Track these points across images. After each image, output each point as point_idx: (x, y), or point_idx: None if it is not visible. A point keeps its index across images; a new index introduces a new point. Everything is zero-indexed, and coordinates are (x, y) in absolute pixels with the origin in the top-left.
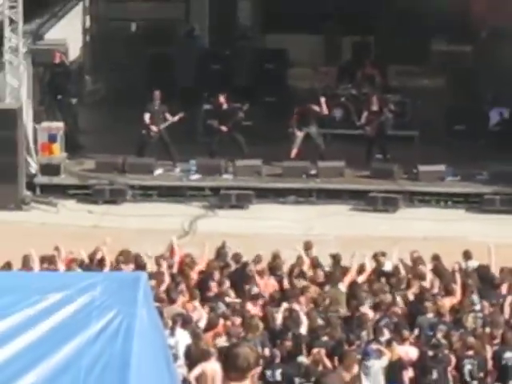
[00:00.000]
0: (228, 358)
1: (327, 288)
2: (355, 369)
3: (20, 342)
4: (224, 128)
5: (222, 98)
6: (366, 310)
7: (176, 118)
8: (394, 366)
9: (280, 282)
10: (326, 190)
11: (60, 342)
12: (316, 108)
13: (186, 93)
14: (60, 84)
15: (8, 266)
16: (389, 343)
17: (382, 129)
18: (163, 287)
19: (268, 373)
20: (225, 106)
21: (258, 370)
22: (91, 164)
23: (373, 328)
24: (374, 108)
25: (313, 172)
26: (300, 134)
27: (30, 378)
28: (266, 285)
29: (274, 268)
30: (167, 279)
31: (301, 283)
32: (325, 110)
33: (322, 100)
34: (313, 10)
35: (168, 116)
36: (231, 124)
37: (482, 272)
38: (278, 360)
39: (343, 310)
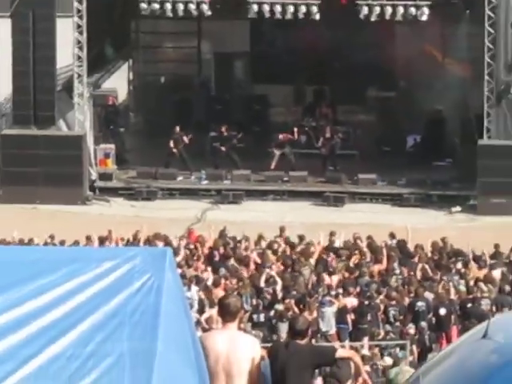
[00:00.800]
0: (222, 307)
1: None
2: (314, 313)
3: (83, 295)
4: (224, 149)
5: (223, 128)
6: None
7: (188, 139)
8: (341, 311)
9: (262, 254)
10: (294, 191)
11: (111, 295)
12: (289, 135)
13: (198, 124)
14: (112, 119)
15: (76, 243)
16: (337, 296)
17: (333, 149)
18: (182, 258)
19: (254, 316)
20: (225, 134)
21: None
22: (133, 173)
23: (326, 286)
24: (328, 135)
25: (285, 179)
26: (277, 153)
27: (91, 320)
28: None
29: (258, 245)
30: (186, 252)
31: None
32: (295, 137)
33: (294, 130)
34: (286, 68)
35: (185, 138)
36: (229, 146)
37: (401, 245)
38: (261, 307)
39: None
